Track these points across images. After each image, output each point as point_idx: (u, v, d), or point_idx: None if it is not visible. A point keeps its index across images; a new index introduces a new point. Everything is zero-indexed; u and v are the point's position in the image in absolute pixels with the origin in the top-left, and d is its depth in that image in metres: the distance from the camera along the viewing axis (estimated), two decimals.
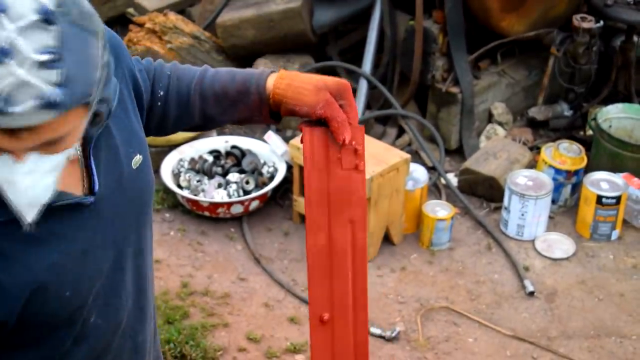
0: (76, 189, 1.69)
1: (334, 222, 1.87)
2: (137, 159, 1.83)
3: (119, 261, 1.80)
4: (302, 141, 1.86)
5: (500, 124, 5.36)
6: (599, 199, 4.63)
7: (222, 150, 5.08)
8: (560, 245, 4.69)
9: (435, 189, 5.02)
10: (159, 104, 1.98)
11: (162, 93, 1.98)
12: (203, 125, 2.03)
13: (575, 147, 4.91)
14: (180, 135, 5.03)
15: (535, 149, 5.19)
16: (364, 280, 1.94)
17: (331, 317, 1.88)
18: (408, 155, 4.58)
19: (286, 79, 1.90)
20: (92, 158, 1.71)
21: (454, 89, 5.20)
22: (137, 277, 1.89)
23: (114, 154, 1.77)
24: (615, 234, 4.73)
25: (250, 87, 1.92)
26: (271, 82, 1.91)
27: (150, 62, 2.01)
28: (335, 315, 1.89)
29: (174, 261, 4.55)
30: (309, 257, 1.86)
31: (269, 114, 1.93)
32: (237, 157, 5.01)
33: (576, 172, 4.83)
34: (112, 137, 1.77)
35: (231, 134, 5.27)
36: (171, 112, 1.99)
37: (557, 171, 4.82)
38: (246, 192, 4.81)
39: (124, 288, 1.83)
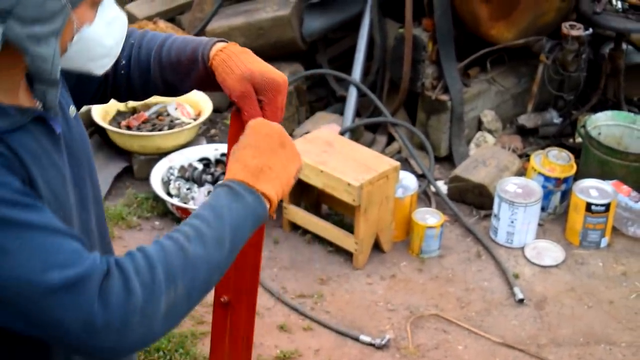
0: None
1: None
2: (72, 109, 1.85)
3: (82, 201, 1.81)
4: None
5: (489, 131, 5.36)
6: (589, 206, 4.64)
7: (212, 158, 5.07)
8: (550, 252, 4.70)
9: (425, 197, 5.03)
10: (122, 72, 2.00)
11: (124, 62, 1.99)
12: (170, 93, 2.04)
13: (565, 154, 4.92)
14: (170, 143, 5.03)
15: (525, 157, 5.20)
16: (257, 263, 2.06)
17: (229, 299, 2.06)
18: (398, 163, 4.58)
19: (224, 54, 1.90)
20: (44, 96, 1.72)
21: (444, 97, 5.21)
22: (100, 226, 1.91)
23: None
24: (604, 242, 4.73)
25: (198, 56, 1.93)
26: (213, 52, 1.91)
27: None
28: (232, 297, 2.06)
29: None
30: None
31: (217, 83, 1.93)
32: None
33: (565, 180, 4.84)
34: None
35: (221, 142, 5.26)
36: (135, 80, 2.01)
37: (547, 179, 4.83)
38: None
39: (91, 232, 1.86)
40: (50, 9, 1.58)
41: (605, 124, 5.11)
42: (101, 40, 1.69)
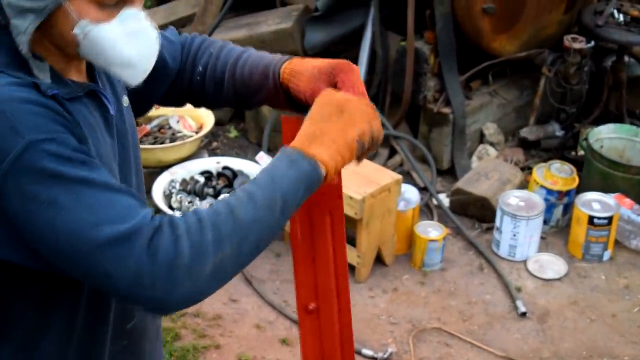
0: None
1: (313, 214, 1.95)
2: (126, 99, 1.94)
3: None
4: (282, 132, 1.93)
5: (491, 144, 5.36)
6: (591, 219, 4.63)
7: (214, 171, 5.07)
8: (552, 265, 4.69)
9: (427, 210, 5.02)
10: (198, 78, 2.07)
11: (200, 69, 2.06)
12: (241, 105, 2.10)
13: (567, 167, 4.91)
14: (172, 156, 5.03)
15: (527, 170, 5.19)
16: (344, 267, 2.04)
17: (317, 306, 2.03)
18: (400, 176, 4.58)
19: (291, 65, 1.97)
20: (98, 80, 1.85)
21: (446, 110, 5.21)
22: None
23: (112, 85, 1.90)
24: (607, 255, 4.73)
25: (269, 73, 1.99)
26: (282, 68, 1.98)
27: (188, 37, 2.12)
28: (320, 303, 2.03)
29: None
30: (292, 249, 1.98)
31: (286, 100, 1.99)
32: (229, 178, 5.00)
33: (568, 193, 4.84)
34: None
35: (223, 155, 5.26)
36: (209, 89, 2.07)
37: (549, 192, 4.82)
38: None
39: None
40: None
41: (607, 137, 5.11)
42: (116, 45, 1.71)
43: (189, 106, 2.19)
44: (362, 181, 4.38)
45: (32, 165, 1.59)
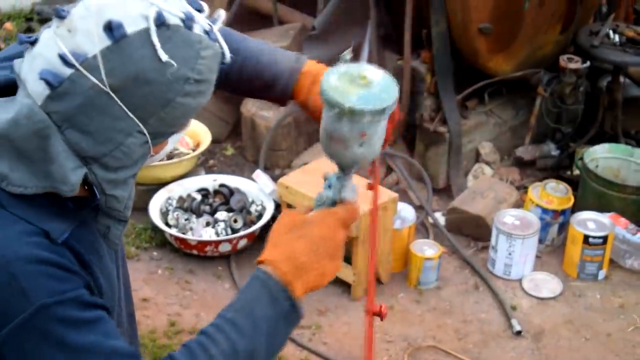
0: None
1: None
2: None
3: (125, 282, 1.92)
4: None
5: (487, 163, 5.38)
6: (586, 238, 4.64)
7: (211, 189, 5.08)
8: (548, 284, 4.70)
9: (422, 228, 5.03)
10: None
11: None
12: (230, 91, 2.14)
13: (562, 186, 4.93)
14: (169, 174, 5.04)
15: (523, 189, 5.20)
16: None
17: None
18: (396, 194, 4.59)
19: (307, 84, 2.05)
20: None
21: (442, 129, 5.22)
22: (129, 304, 2.01)
23: None
24: (602, 274, 4.74)
25: (277, 87, 2.03)
26: (297, 87, 2.04)
27: None
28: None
29: (162, 300, 4.54)
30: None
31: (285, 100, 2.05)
32: (226, 195, 5.01)
33: (563, 212, 4.85)
34: None
35: (219, 172, 5.28)
36: None
37: (544, 211, 4.83)
38: (234, 231, 4.82)
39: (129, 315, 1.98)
40: (136, 156, 1.65)
41: (602, 157, 5.13)
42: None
43: None
44: (358, 199, 4.38)
45: (39, 330, 1.56)
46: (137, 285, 4.51)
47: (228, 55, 1.69)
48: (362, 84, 1.71)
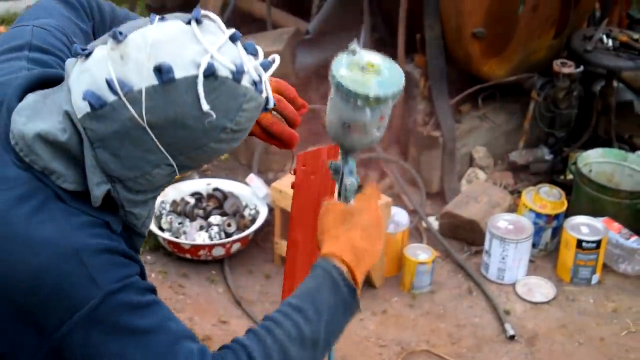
0: None
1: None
2: None
3: None
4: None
5: (481, 167, 5.38)
6: (579, 243, 4.65)
7: (204, 193, 5.08)
8: (541, 289, 4.70)
9: (416, 232, 5.03)
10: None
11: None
12: None
13: (556, 191, 4.93)
14: None
15: (516, 193, 5.21)
16: None
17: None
18: (389, 199, 4.59)
19: None
20: None
21: (436, 133, 5.22)
22: None
23: None
24: (595, 278, 4.74)
25: None
26: None
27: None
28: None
29: None
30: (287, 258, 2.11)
31: None
32: (219, 199, 5.01)
33: (556, 216, 4.85)
34: None
35: (213, 176, 5.27)
36: None
37: (538, 215, 4.84)
38: (228, 235, 4.81)
39: None
40: (160, 183, 1.71)
41: (596, 161, 5.13)
42: None
43: None
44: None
45: (107, 319, 1.63)
46: None
47: (272, 102, 1.75)
48: (373, 71, 1.78)
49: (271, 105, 1.73)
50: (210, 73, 1.61)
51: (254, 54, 1.72)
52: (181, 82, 1.60)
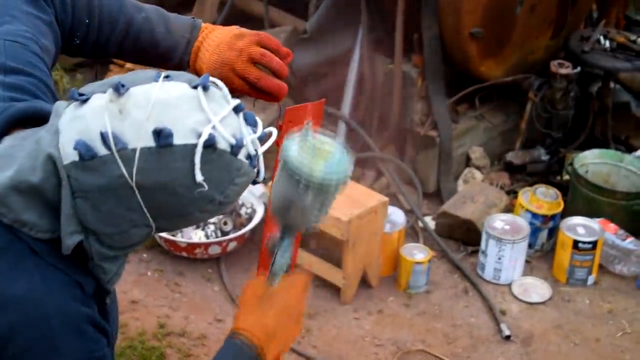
0: None
1: None
2: None
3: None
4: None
5: (477, 167, 5.38)
6: (576, 243, 4.65)
7: None
8: (537, 289, 4.70)
9: (412, 232, 5.03)
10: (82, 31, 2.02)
11: (87, 20, 2.01)
12: (127, 60, 2.13)
13: (552, 192, 4.93)
14: None
15: (513, 193, 5.21)
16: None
17: None
18: (386, 199, 4.59)
19: (199, 54, 2.03)
20: None
21: (433, 133, 5.22)
22: None
23: None
24: (591, 279, 4.74)
25: (173, 58, 2.04)
26: (195, 58, 2.04)
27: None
28: None
29: (151, 302, 4.53)
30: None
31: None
32: None
33: (553, 217, 4.86)
34: None
35: None
36: (87, 46, 2.04)
37: (534, 216, 4.84)
38: (224, 233, 4.81)
39: None
40: (134, 242, 1.67)
41: (592, 162, 5.13)
42: None
43: None
44: (348, 203, 4.39)
45: None
46: (126, 287, 4.51)
47: (262, 176, 1.71)
48: (323, 155, 1.74)
49: (261, 179, 1.70)
50: (210, 144, 1.56)
51: (254, 125, 1.66)
52: (179, 148, 1.55)
